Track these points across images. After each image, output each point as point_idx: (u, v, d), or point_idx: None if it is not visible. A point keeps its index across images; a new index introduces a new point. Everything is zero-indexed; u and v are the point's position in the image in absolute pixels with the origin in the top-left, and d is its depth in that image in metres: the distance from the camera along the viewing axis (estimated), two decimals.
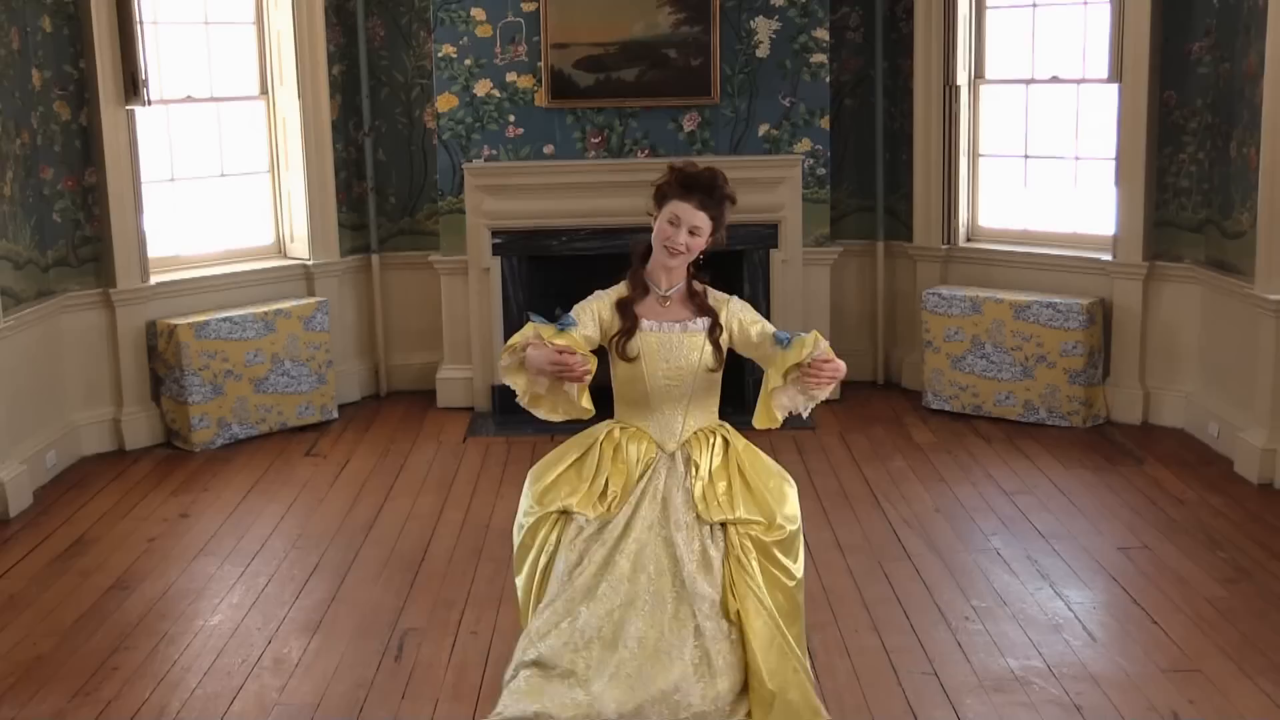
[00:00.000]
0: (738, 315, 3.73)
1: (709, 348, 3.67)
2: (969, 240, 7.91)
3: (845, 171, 8.05)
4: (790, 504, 3.70)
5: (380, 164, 8.07)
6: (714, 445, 3.69)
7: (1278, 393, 6.21)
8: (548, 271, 7.75)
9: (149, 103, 6.97)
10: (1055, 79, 7.53)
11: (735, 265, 7.53)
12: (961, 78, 7.68)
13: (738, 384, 3.87)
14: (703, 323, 3.68)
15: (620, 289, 3.73)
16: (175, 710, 4.37)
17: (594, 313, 3.68)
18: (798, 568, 3.68)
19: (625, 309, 3.68)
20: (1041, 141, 7.65)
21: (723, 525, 3.60)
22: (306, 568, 5.57)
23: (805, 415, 3.77)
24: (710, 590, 3.55)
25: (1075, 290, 7.32)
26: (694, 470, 3.64)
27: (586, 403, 3.66)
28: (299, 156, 7.74)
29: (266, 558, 5.68)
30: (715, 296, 3.76)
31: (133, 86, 6.91)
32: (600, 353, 3.66)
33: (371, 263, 8.11)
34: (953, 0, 7.57)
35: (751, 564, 3.58)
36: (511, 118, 7.58)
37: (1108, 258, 7.27)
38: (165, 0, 7.36)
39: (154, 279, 7.23)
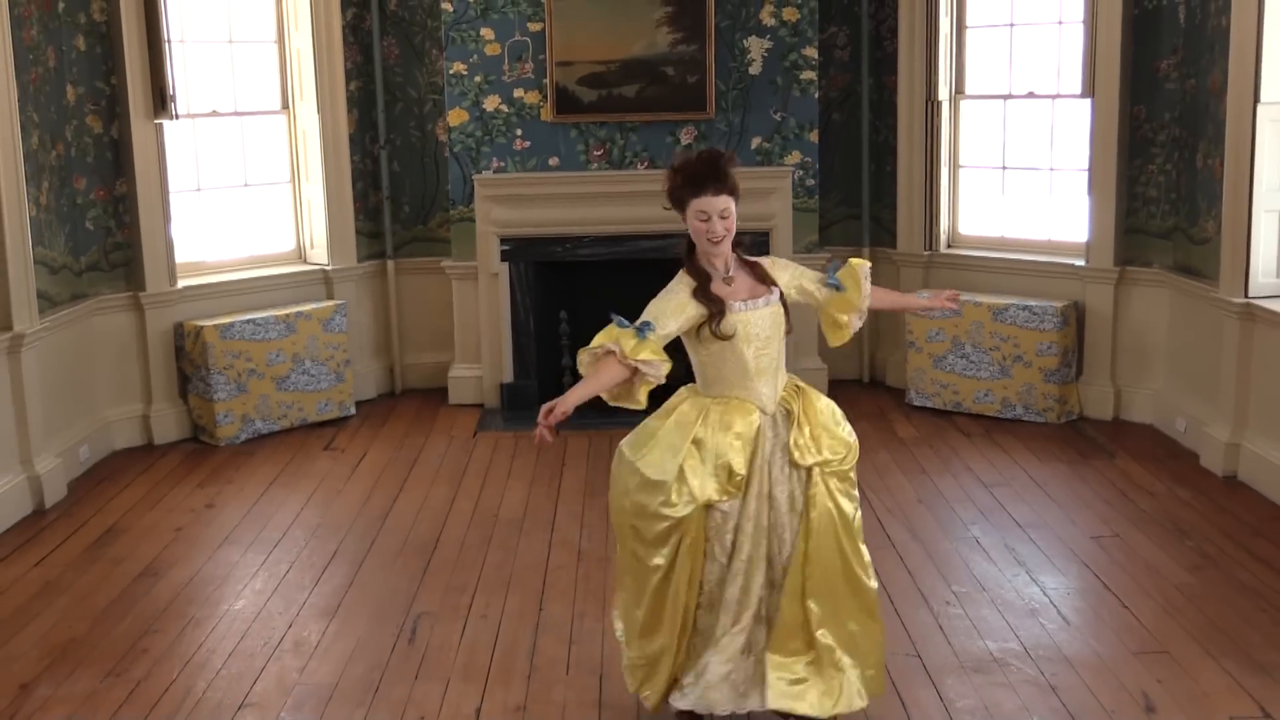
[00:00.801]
0: (791, 274, 3.84)
1: (783, 313, 3.75)
2: (950, 247, 7.91)
3: (833, 182, 8.04)
4: (846, 422, 3.88)
5: (395, 175, 8.06)
6: (798, 398, 3.79)
7: (1241, 390, 6.20)
8: (553, 276, 7.75)
9: (176, 116, 6.98)
10: (1031, 94, 7.52)
11: None
12: (943, 93, 7.67)
13: None
14: (777, 292, 3.76)
15: (685, 280, 3.70)
16: (201, 690, 4.37)
17: (676, 308, 3.66)
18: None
19: (706, 295, 3.67)
20: (1018, 153, 7.64)
21: (809, 468, 3.70)
22: (325, 555, 5.56)
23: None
24: (790, 536, 3.69)
25: (1050, 294, 7.31)
26: (791, 422, 3.73)
27: (643, 397, 3.72)
28: (318, 168, 7.74)
29: (287, 546, 5.68)
30: (764, 264, 3.81)
31: (161, 101, 6.91)
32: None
33: (387, 268, 8.11)
34: (934, 20, 7.57)
35: (823, 503, 3.69)
36: (519, 131, 7.57)
37: (1081, 263, 7.26)
38: (192, 19, 7.36)
39: (181, 283, 7.23)
